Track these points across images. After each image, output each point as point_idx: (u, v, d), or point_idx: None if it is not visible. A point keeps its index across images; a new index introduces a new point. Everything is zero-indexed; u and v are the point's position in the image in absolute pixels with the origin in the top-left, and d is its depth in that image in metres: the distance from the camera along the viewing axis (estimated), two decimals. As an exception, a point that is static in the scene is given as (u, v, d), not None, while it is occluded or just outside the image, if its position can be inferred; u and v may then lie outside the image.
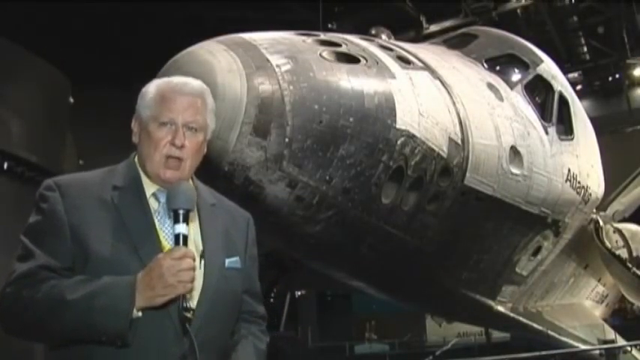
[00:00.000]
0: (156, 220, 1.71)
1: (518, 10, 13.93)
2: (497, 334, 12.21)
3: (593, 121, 7.28)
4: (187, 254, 1.57)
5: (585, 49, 16.38)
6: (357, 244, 4.13)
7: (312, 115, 3.29)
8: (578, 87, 16.46)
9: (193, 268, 1.57)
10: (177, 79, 1.81)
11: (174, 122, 1.72)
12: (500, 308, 6.06)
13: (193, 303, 1.64)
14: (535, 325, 6.54)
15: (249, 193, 3.22)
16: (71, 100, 10.14)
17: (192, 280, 1.58)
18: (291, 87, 3.24)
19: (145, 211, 1.71)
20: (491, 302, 5.94)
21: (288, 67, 3.29)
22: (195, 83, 1.81)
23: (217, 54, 3.13)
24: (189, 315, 1.59)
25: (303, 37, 3.70)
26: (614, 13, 14.77)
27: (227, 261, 1.76)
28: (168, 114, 1.73)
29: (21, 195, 8.49)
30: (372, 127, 3.55)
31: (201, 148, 1.80)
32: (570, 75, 15.07)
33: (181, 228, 1.61)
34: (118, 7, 12.48)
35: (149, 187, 1.75)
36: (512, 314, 6.25)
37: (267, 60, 3.25)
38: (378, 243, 4.18)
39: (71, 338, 1.57)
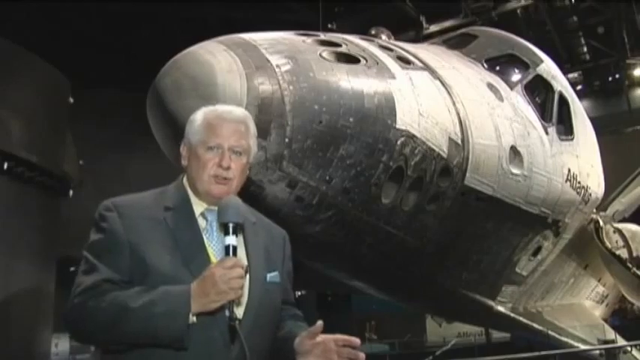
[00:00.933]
0: (205, 238, 1.87)
1: (518, 10, 13.92)
2: (497, 334, 12.23)
3: (593, 121, 7.28)
4: (237, 264, 1.72)
5: (585, 49, 16.37)
6: (357, 244, 4.13)
7: (312, 116, 3.29)
8: (578, 87, 16.47)
9: (242, 276, 1.73)
10: (222, 108, 1.99)
11: (221, 146, 1.89)
12: (501, 308, 6.06)
13: (240, 314, 1.79)
14: (535, 325, 6.54)
15: (249, 194, 3.21)
16: (71, 100, 10.13)
17: (242, 287, 1.74)
18: (291, 87, 3.23)
19: (195, 230, 1.87)
20: (491, 302, 5.93)
21: (288, 67, 3.28)
22: (238, 111, 2.01)
23: (217, 54, 3.13)
24: (235, 324, 1.74)
25: (303, 38, 3.69)
26: (614, 14, 14.76)
27: (268, 276, 1.92)
28: (215, 139, 1.89)
29: (21, 195, 8.50)
30: (371, 127, 3.55)
31: (245, 169, 1.97)
32: (570, 75, 15.08)
33: (231, 240, 1.77)
34: (118, 7, 12.48)
35: (198, 207, 1.92)
36: (512, 314, 6.24)
37: (267, 60, 3.24)
38: (378, 243, 4.18)
39: (133, 343, 1.72)
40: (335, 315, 20.00)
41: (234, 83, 3.06)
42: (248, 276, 1.82)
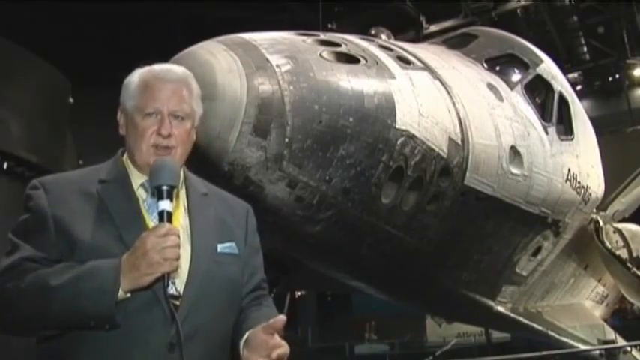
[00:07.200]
0: (143, 209, 1.70)
1: (518, 10, 13.91)
2: (497, 334, 12.19)
3: (593, 121, 7.27)
4: (171, 231, 1.53)
5: (585, 49, 16.35)
6: (357, 244, 4.13)
7: (312, 115, 3.29)
8: (578, 87, 16.43)
9: (178, 245, 1.53)
10: (159, 67, 1.78)
11: (159, 112, 1.70)
12: (500, 308, 6.06)
13: (182, 288, 1.62)
14: (535, 326, 6.53)
15: (249, 194, 3.22)
16: (71, 100, 10.13)
17: (178, 258, 1.54)
18: (291, 87, 3.24)
19: (131, 201, 1.70)
20: (491, 302, 5.93)
21: (288, 67, 3.29)
22: (178, 69, 1.78)
23: (217, 54, 3.13)
24: (176, 302, 1.59)
25: (303, 37, 3.70)
26: (614, 14, 14.76)
27: (219, 246, 1.73)
28: (153, 104, 1.70)
29: (21, 195, 8.49)
30: (371, 127, 3.55)
31: (190, 136, 1.77)
32: (570, 75, 15.04)
33: (165, 205, 1.57)
34: (118, 7, 12.47)
35: (137, 179, 1.74)
36: (512, 314, 6.24)
37: (267, 60, 3.25)
38: (378, 243, 4.18)
39: (59, 326, 1.55)
40: (335, 315, 20.00)
41: (234, 83, 3.06)
42: (192, 246, 1.67)
